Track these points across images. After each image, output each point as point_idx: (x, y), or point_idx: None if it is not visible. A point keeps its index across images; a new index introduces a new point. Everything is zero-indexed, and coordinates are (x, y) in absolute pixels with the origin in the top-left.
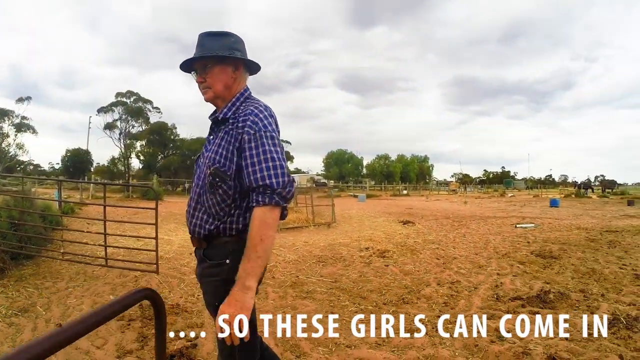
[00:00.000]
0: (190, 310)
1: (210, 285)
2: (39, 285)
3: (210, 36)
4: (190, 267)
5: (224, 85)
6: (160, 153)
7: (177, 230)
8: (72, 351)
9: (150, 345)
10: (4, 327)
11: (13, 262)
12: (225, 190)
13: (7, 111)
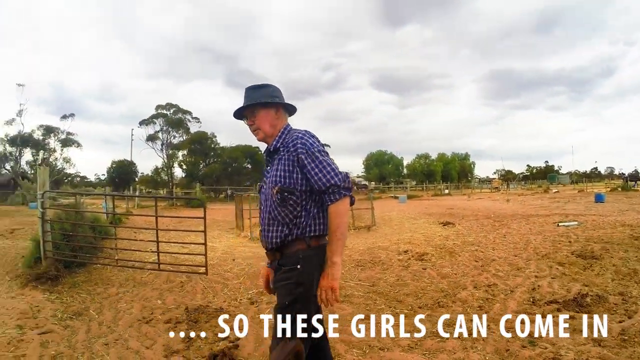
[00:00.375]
0: (233, 313)
1: (284, 287)
2: (91, 291)
3: (253, 89)
4: (233, 273)
5: (269, 124)
6: (202, 161)
7: (221, 237)
8: (124, 351)
9: (195, 345)
10: (60, 330)
11: (67, 270)
12: (295, 200)
13: (53, 128)
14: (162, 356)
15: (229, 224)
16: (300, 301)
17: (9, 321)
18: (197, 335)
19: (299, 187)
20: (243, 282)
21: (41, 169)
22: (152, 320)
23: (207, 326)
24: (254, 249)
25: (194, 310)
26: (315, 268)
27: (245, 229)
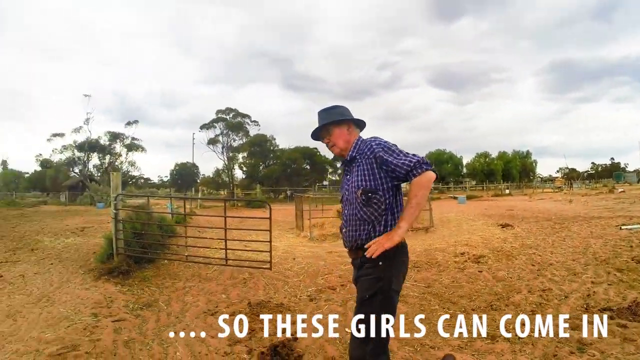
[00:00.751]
0: (293, 309)
1: (366, 282)
2: (160, 285)
3: (325, 111)
4: (293, 271)
5: (343, 140)
6: (262, 163)
7: (281, 237)
8: (191, 339)
9: (257, 337)
10: (132, 318)
11: (137, 265)
12: (378, 198)
13: (119, 134)
14: (226, 345)
15: (289, 224)
16: (380, 294)
17: (84, 309)
18: (259, 327)
19: (381, 187)
20: (303, 280)
21: (114, 174)
22: (217, 313)
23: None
24: (313, 248)
25: (256, 304)
26: (396, 264)
27: (305, 229)
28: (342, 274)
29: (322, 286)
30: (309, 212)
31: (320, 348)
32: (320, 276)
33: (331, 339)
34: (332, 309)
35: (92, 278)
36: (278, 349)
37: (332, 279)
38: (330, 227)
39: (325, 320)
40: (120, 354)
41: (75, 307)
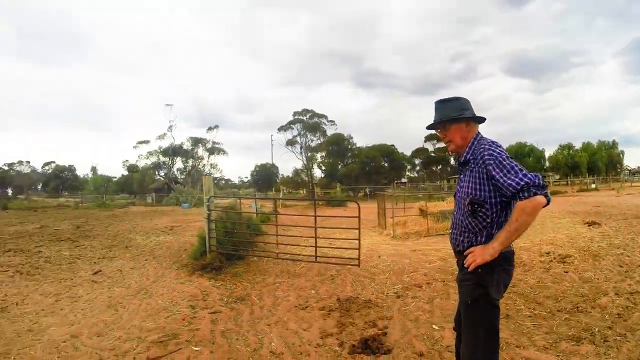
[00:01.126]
0: (381, 305)
1: (466, 287)
2: (251, 280)
3: (443, 102)
4: (379, 269)
5: (460, 137)
6: (340, 162)
7: (364, 235)
8: (284, 331)
9: (347, 330)
10: (227, 311)
11: (228, 262)
12: (484, 212)
13: (201, 139)
14: (318, 337)
15: (371, 222)
16: (481, 300)
17: (181, 302)
18: (349, 322)
19: (489, 200)
20: (389, 278)
21: (206, 178)
22: (308, 307)
23: (357, 315)
24: (396, 246)
25: (345, 300)
26: (497, 272)
27: (387, 227)
28: (427, 272)
29: (408, 284)
30: (392, 210)
31: (409, 343)
32: (406, 274)
33: (419, 334)
34: (418, 306)
35: (186, 273)
36: (368, 342)
37: (418, 277)
38: (413, 225)
39: (412, 317)
40: (218, 343)
41: (172, 300)
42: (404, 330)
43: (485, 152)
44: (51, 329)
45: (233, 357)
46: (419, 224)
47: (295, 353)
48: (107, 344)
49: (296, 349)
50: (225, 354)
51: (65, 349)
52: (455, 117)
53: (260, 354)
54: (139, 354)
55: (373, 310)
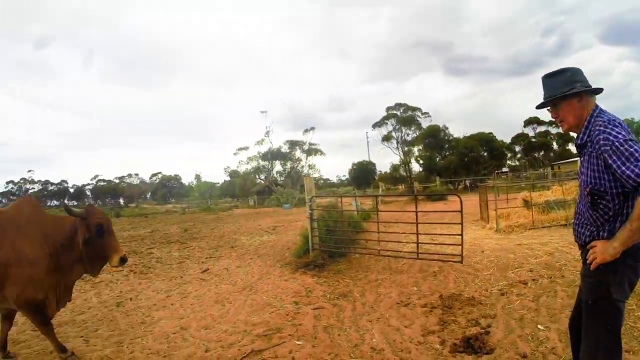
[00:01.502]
0: (484, 302)
1: (587, 284)
2: (354, 277)
3: (549, 77)
4: (482, 265)
5: (573, 116)
6: (438, 154)
7: (466, 229)
8: (386, 327)
9: (449, 328)
10: (330, 307)
11: (330, 260)
12: (605, 204)
13: (297, 141)
14: (420, 335)
15: (472, 215)
16: (602, 300)
17: (285, 298)
18: (452, 319)
19: (609, 190)
20: (493, 274)
21: (307, 178)
22: (410, 304)
23: (460, 312)
24: (500, 241)
25: (448, 297)
26: (621, 269)
27: (490, 220)
28: (533, 268)
29: (513, 280)
30: (495, 202)
31: (512, 343)
32: (511, 270)
33: (523, 334)
34: (524, 304)
35: (290, 271)
36: (470, 341)
37: (523, 273)
38: (517, 217)
39: (517, 315)
40: (320, 338)
41: (276, 296)
42: (508, 330)
43: (600, 136)
44: (162, 321)
45: (334, 352)
46: (523, 216)
47: (395, 350)
48: (213, 336)
49: (397, 345)
50: (326, 348)
51: (174, 340)
52: (565, 93)
53: (361, 349)
54: (243, 346)
55: (476, 308)
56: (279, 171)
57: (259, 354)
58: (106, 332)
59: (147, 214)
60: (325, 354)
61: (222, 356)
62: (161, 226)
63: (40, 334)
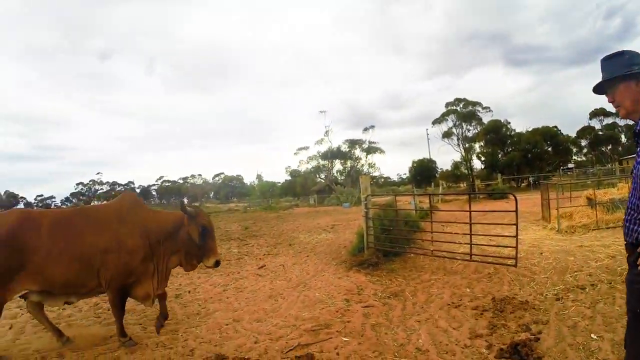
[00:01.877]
0: (538, 307)
1: (635, 291)
2: (407, 277)
3: (607, 60)
4: (540, 267)
5: (630, 100)
6: (500, 151)
7: (527, 229)
8: (433, 328)
9: (498, 333)
10: (380, 305)
11: (385, 258)
12: None
13: (357, 140)
14: (467, 337)
15: (534, 215)
16: None
17: (337, 295)
18: (502, 323)
19: None
20: (550, 277)
21: (363, 177)
22: (461, 306)
23: (511, 316)
24: (561, 242)
25: (500, 300)
26: None
27: (551, 220)
28: (593, 272)
29: (570, 285)
30: (556, 201)
31: (562, 352)
32: (569, 273)
33: (574, 343)
34: (579, 310)
35: (344, 269)
36: (518, 347)
37: (582, 277)
38: (580, 217)
39: (570, 323)
40: (367, 336)
41: (328, 293)
42: (559, 337)
43: None
44: (216, 313)
45: (379, 350)
46: (586, 215)
47: (440, 351)
48: (264, 329)
49: (442, 347)
50: (372, 346)
51: (226, 331)
52: (622, 75)
53: (406, 349)
54: (291, 340)
55: (528, 313)
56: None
57: (305, 347)
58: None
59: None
60: (370, 351)
61: (269, 348)
62: (223, 224)
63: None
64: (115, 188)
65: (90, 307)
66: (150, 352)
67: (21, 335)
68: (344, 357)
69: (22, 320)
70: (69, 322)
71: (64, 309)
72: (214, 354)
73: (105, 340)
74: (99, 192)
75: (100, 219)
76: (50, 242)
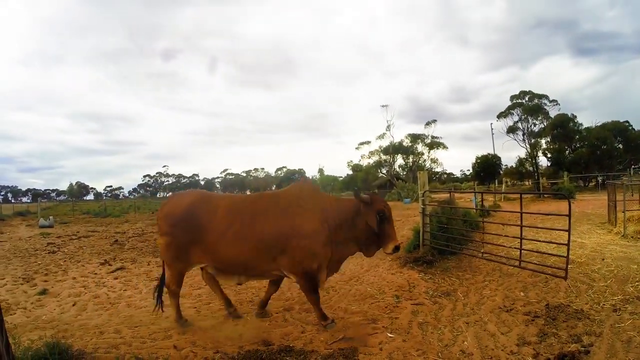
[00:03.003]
0: (593, 317)
1: None
2: (460, 276)
3: None
4: (600, 274)
5: None
6: (567, 147)
7: (590, 232)
8: (481, 332)
9: (547, 342)
10: (430, 304)
11: (440, 257)
12: None
13: (419, 135)
14: (514, 344)
15: (601, 217)
16: None
17: (388, 291)
18: (553, 332)
19: None
20: (609, 286)
21: (421, 173)
22: (512, 310)
23: (563, 325)
24: (626, 248)
25: (554, 307)
26: None
27: (617, 223)
28: None
29: (630, 295)
30: (623, 203)
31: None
32: (630, 283)
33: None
34: (636, 324)
35: (398, 265)
36: (566, 358)
37: None
38: None
39: (625, 337)
40: (413, 333)
41: (380, 288)
42: (611, 352)
43: None
44: (269, 301)
45: (423, 348)
46: None
47: (485, 356)
48: (312, 320)
49: (488, 352)
50: (416, 344)
51: (276, 319)
52: None
53: (450, 350)
54: (336, 332)
55: (582, 323)
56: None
57: (349, 341)
58: (216, 306)
59: None
60: (414, 349)
61: (315, 338)
62: None
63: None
64: (180, 180)
65: (148, 290)
66: (201, 333)
67: (83, 312)
68: (387, 353)
69: (85, 299)
70: (128, 302)
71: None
72: (261, 340)
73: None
74: (165, 183)
75: (280, 205)
76: (225, 225)
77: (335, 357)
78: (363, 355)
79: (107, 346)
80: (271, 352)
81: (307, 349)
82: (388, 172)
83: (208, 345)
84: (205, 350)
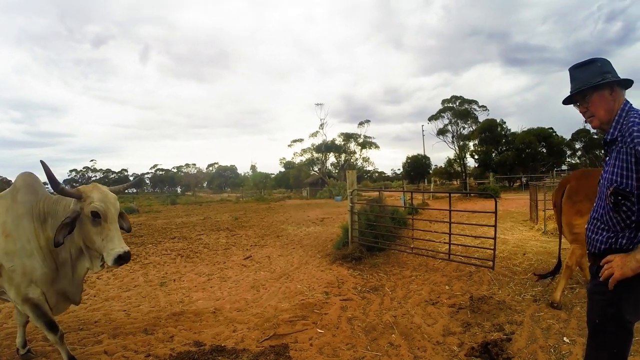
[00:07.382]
0: (514, 308)
1: (595, 302)
2: (388, 272)
3: (577, 68)
4: (521, 268)
5: (605, 109)
6: (494, 150)
7: (513, 229)
8: (408, 324)
9: (471, 331)
10: (358, 299)
11: (368, 253)
12: (629, 207)
13: (352, 134)
14: (440, 335)
15: (523, 215)
16: (612, 322)
17: (318, 288)
18: (476, 322)
19: (635, 191)
20: (530, 278)
21: (350, 172)
22: (438, 303)
23: (487, 315)
24: (545, 243)
25: (478, 299)
26: (635, 290)
27: (538, 221)
28: (574, 275)
29: (550, 286)
30: (544, 202)
31: (532, 354)
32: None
33: (546, 345)
34: (554, 313)
35: (328, 262)
36: (489, 346)
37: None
38: None
39: (544, 325)
40: (342, 328)
41: (310, 285)
42: (531, 339)
43: (635, 128)
44: (199, 302)
45: (352, 342)
46: None
47: (412, 347)
48: (243, 318)
49: (415, 343)
50: (345, 339)
51: (207, 319)
52: (596, 84)
53: (378, 343)
54: (267, 330)
55: (504, 313)
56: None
57: (281, 338)
58: (146, 308)
59: (202, 202)
60: (343, 344)
61: (246, 337)
62: (214, 214)
63: None
64: (108, 175)
65: None
66: (131, 337)
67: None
68: (317, 348)
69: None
70: None
71: None
72: (193, 341)
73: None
74: (92, 179)
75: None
76: None
77: (266, 354)
78: (294, 352)
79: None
80: (203, 352)
81: (238, 348)
82: (320, 170)
83: (139, 349)
84: (136, 354)
